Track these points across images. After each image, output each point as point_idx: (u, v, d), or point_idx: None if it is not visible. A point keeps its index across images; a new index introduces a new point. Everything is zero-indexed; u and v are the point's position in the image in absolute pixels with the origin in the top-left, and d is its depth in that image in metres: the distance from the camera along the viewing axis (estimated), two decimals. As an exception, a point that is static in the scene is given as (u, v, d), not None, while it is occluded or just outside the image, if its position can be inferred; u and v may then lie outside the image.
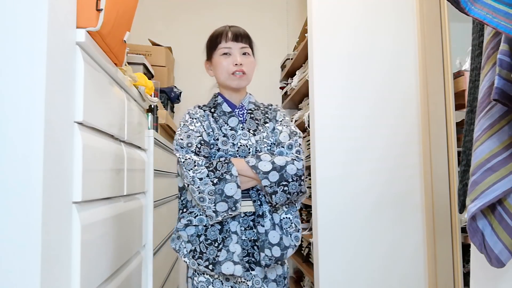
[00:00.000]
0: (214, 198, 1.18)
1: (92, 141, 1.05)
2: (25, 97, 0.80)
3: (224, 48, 1.32)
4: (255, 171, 1.21)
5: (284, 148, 1.31)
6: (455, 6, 0.78)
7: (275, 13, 3.55)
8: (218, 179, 1.19)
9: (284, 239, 1.24)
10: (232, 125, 1.32)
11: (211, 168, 1.21)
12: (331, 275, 1.96)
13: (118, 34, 1.20)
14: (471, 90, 0.96)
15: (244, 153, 1.29)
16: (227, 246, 1.21)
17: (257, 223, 1.24)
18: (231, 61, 1.32)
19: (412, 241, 2.01)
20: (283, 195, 1.22)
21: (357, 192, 2.00)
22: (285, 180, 1.22)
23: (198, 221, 1.23)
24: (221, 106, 1.36)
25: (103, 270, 1.12)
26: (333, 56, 2.05)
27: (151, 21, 3.29)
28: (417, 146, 2.04)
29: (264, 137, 1.32)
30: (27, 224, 0.78)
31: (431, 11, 1.98)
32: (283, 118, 1.39)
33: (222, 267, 1.19)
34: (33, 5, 0.81)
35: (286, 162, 1.25)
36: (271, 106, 1.44)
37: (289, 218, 1.28)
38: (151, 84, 1.77)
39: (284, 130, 1.34)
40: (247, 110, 1.37)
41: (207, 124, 1.31)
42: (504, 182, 0.78)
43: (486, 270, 0.91)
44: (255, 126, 1.34)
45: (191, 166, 1.21)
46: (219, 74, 1.34)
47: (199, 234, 1.24)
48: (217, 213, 1.19)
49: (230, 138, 1.29)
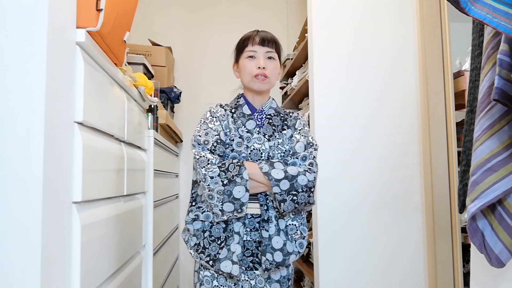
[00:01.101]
0: (222, 198, 1.21)
1: (92, 141, 1.05)
2: (25, 97, 0.80)
3: (250, 51, 1.36)
4: (268, 178, 1.24)
5: (298, 159, 1.32)
6: (455, 6, 0.78)
7: (275, 13, 3.55)
8: (228, 180, 1.22)
9: (287, 245, 1.26)
10: (249, 128, 1.35)
11: (223, 168, 1.23)
12: (331, 275, 1.96)
13: (118, 34, 1.19)
14: (471, 90, 0.96)
15: (256, 157, 1.31)
16: (228, 245, 1.24)
17: (262, 227, 1.26)
18: (255, 64, 1.35)
19: (412, 241, 2.01)
20: (291, 204, 1.24)
21: (357, 192, 2.00)
22: (295, 190, 1.24)
23: (204, 217, 1.27)
24: (242, 107, 1.39)
25: (103, 270, 1.12)
26: (333, 56, 2.05)
27: (151, 21, 3.29)
28: (417, 146, 2.04)
29: (279, 144, 1.34)
30: (27, 224, 0.78)
31: (431, 11, 1.98)
32: (302, 128, 1.39)
33: (221, 265, 1.22)
34: (33, 5, 0.81)
35: (298, 172, 1.27)
36: (292, 113, 1.45)
37: (295, 224, 1.29)
38: (151, 84, 1.77)
39: (301, 140, 1.35)
40: (266, 115, 1.39)
41: (226, 124, 1.34)
42: (504, 182, 0.78)
43: (486, 270, 0.91)
44: (271, 132, 1.36)
45: (204, 164, 1.24)
46: (243, 76, 1.38)
47: (205, 229, 1.27)
48: (223, 213, 1.22)
49: (245, 141, 1.32)
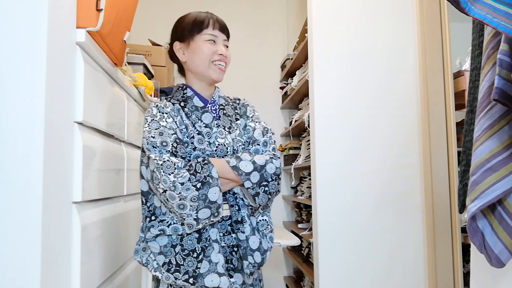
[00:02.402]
0: (196, 205, 1.06)
1: (92, 141, 1.05)
2: (25, 97, 0.80)
3: (211, 35, 1.22)
4: (237, 172, 1.12)
5: (259, 145, 1.23)
6: (455, 6, 0.77)
7: (275, 13, 3.55)
8: (201, 183, 1.07)
9: (263, 243, 1.17)
10: (206, 122, 1.21)
11: (192, 171, 1.08)
12: (331, 275, 1.96)
13: (118, 34, 1.19)
14: (471, 90, 0.96)
15: (222, 153, 1.19)
16: (208, 256, 1.10)
17: (236, 229, 1.15)
18: (215, 50, 1.21)
19: (412, 241, 2.01)
20: (265, 196, 1.15)
21: (357, 192, 2.00)
22: (265, 180, 1.15)
23: (172, 230, 1.09)
24: (192, 100, 1.23)
25: (103, 270, 1.12)
26: (333, 56, 2.05)
27: (151, 21, 3.29)
28: (417, 146, 2.04)
29: (237, 135, 1.24)
30: (27, 224, 0.78)
31: (431, 11, 1.98)
32: (254, 114, 1.30)
33: (205, 280, 1.07)
34: (33, 5, 0.81)
35: (266, 161, 1.17)
36: (238, 100, 1.34)
37: (265, 220, 1.21)
38: (151, 84, 1.77)
39: (258, 127, 1.26)
40: (219, 105, 1.27)
41: (179, 120, 1.18)
42: (504, 182, 0.78)
43: (486, 270, 0.91)
44: (229, 123, 1.25)
45: (171, 170, 1.06)
46: (199, 61, 1.22)
47: (174, 244, 1.10)
48: (198, 221, 1.07)
49: (205, 136, 1.18)
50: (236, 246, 1.16)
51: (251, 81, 3.42)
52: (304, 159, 2.66)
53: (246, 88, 3.34)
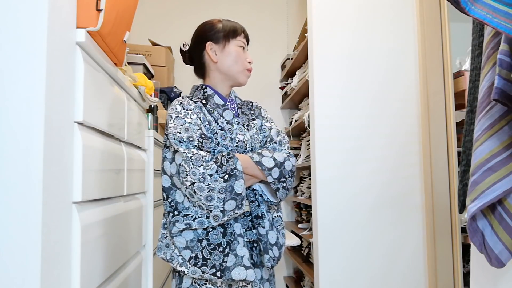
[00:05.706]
0: (223, 196, 1.09)
1: (92, 141, 1.05)
2: (25, 97, 0.80)
3: (243, 42, 1.31)
4: (261, 167, 1.16)
5: (276, 144, 1.29)
6: (455, 6, 0.77)
7: (275, 13, 3.55)
8: (228, 175, 1.11)
9: (279, 238, 1.22)
10: (227, 119, 1.26)
11: (218, 164, 1.12)
12: (331, 275, 1.96)
13: (118, 34, 1.19)
14: (471, 90, 0.96)
15: (242, 149, 1.24)
16: (233, 250, 1.13)
17: (257, 224, 1.19)
18: (246, 57, 1.31)
19: (412, 241, 2.01)
20: (284, 192, 1.21)
21: (357, 192, 2.00)
22: (284, 177, 1.20)
23: (198, 223, 1.12)
24: (212, 98, 1.28)
25: (103, 270, 1.12)
26: (333, 56, 2.05)
27: (151, 21, 3.29)
28: (417, 146, 2.04)
29: (254, 133, 1.30)
30: (27, 224, 0.78)
31: (431, 11, 1.98)
32: (267, 115, 1.38)
33: (232, 273, 1.11)
34: (33, 5, 0.81)
35: (284, 158, 1.22)
36: (251, 102, 1.40)
37: (280, 216, 1.27)
38: (151, 84, 1.77)
39: (273, 127, 1.34)
40: (237, 104, 1.35)
41: (203, 117, 1.22)
42: (504, 182, 0.78)
43: (486, 270, 0.91)
44: (247, 121, 1.31)
45: (200, 162, 1.10)
46: (233, 64, 1.28)
47: (200, 238, 1.13)
48: (225, 213, 1.10)
49: (227, 132, 1.23)
50: (255, 242, 1.21)
51: (251, 81, 3.39)
52: (304, 159, 2.66)
53: (246, 88, 3.31)
